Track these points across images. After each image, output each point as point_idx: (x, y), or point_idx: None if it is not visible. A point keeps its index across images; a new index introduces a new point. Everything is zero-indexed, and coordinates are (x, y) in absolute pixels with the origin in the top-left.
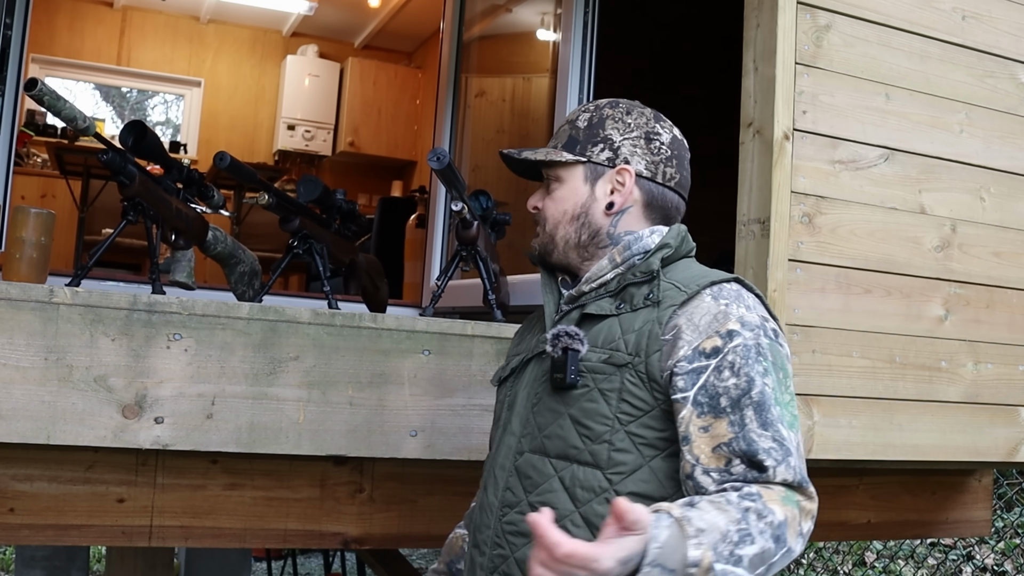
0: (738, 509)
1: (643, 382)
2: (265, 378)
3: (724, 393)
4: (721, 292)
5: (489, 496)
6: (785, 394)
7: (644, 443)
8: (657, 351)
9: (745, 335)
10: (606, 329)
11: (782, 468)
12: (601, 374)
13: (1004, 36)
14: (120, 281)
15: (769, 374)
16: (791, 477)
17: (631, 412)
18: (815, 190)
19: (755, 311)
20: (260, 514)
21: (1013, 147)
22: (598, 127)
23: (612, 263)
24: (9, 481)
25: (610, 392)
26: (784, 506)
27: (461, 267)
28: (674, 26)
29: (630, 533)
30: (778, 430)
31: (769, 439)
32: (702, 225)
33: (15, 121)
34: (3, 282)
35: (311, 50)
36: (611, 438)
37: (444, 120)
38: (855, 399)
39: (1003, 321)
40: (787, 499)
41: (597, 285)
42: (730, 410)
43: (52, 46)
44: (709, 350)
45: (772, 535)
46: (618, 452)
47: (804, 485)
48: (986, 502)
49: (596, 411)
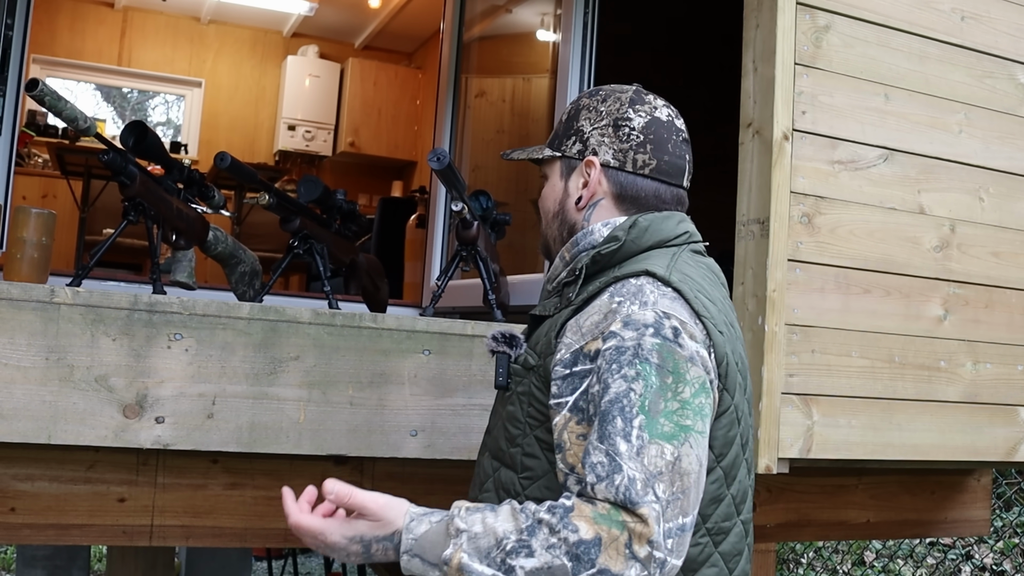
0: (530, 519)
1: (545, 386)
2: (266, 378)
3: (592, 400)
4: (620, 289)
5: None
6: (670, 401)
7: (548, 448)
8: (551, 354)
9: (624, 335)
10: (540, 331)
11: (602, 486)
12: (517, 377)
13: (1003, 37)
14: (121, 281)
15: (641, 379)
16: (612, 496)
17: (537, 417)
18: (814, 190)
19: (652, 308)
20: (261, 513)
21: (1012, 147)
22: (573, 119)
23: (563, 261)
24: (10, 481)
25: (523, 396)
26: (596, 525)
27: (461, 267)
28: (675, 26)
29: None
30: (614, 443)
31: (602, 452)
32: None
33: (16, 121)
34: (4, 282)
35: (311, 50)
36: (522, 442)
37: (444, 120)
38: (854, 399)
39: (1002, 321)
40: (604, 518)
41: (556, 285)
42: (597, 423)
43: (53, 47)
44: (592, 353)
45: (567, 552)
46: (527, 457)
47: (630, 505)
48: (985, 502)
49: (513, 415)
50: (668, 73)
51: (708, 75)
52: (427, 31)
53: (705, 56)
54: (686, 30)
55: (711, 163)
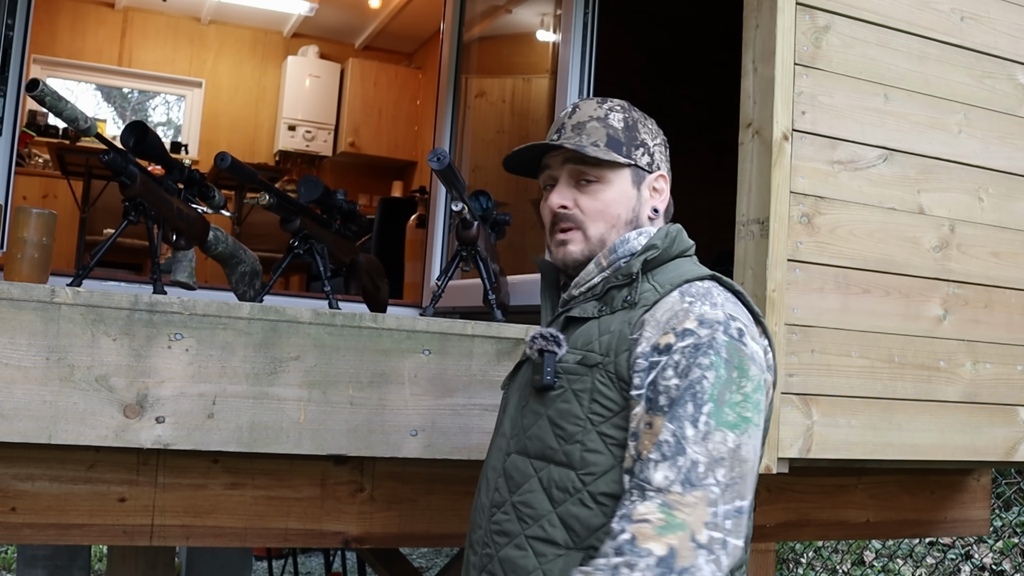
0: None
1: (612, 382)
2: (266, 378)
3: (664, 392)
4: (689, 290)
5: (481, 497)
6: (735, 394)
7: (615, 443)
8: (626, 351)
9: (700, 333)
10: (585, 332)
11: (664, 465)
12: (575, 375)
13: (1003, 37)
14: (121, 281)
15: (712, 370)
16: (672, 475)
17: (602, 413)
18: (814, 190)
19: (721, 308)
20: (261, 513)
21: (1011, 147)
22: (634, 130)
23: (598, 267)
24: (11, 480)
25: (582, 393)
26: (663, 539)
27: (461, 267)
28: (674, 26)
29: None
30: (682, 427)
31: (669, 433)
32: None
33: (17, 121)
34: (5, 282)
35: (312, 51)
36: (583, 438)
37: (444, 121)
38: (854, 399)
39: (1001, 321)
40: (665, 528)
41: (585, 289)
42: (667, 409)
43: (54, 47)
44: (662, 346)
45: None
46: (590, 452)
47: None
48: (984, 501)
49: (569, 412)
50: (668, 74)
51: (707, 75)
52: (427, 31)
53: (704, 56)
54: (685, 30)
55: (710, 164)
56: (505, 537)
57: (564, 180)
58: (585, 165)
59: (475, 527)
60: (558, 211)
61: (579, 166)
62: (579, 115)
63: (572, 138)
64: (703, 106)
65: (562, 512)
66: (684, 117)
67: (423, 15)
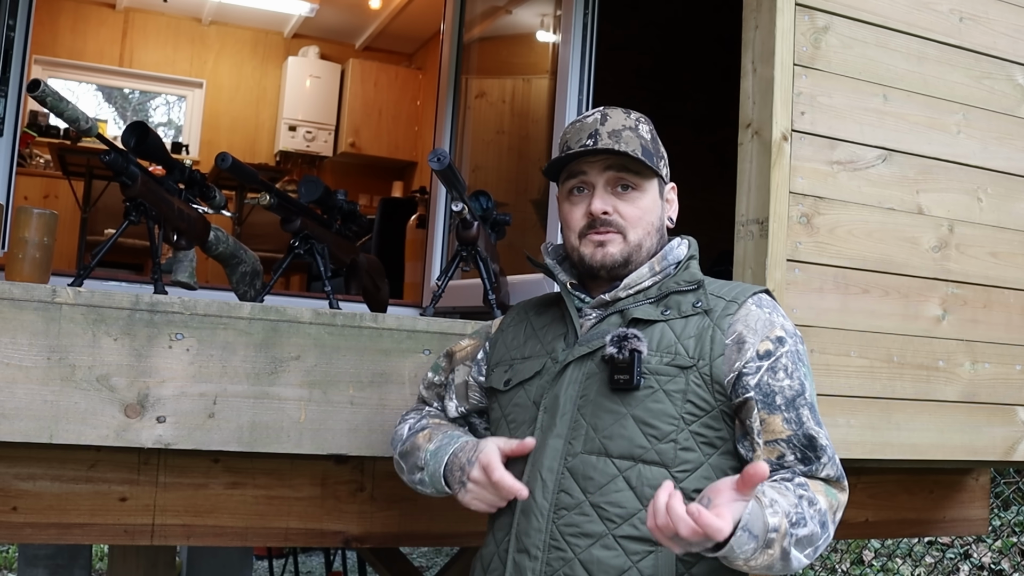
0: (794, 495)
1: (706, 384)
2: (266, 377)
3: (779, 392)
4: (761, 301)
5: (537, 499)
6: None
7: (705, 442)
8: (721, 355)
9: (790, 342)
10: (658, 333)
11: (829, 464)
12: (665, 376)
13: (1001, 37)
14: (122, 281)
15: (808, 378)
16: (833, 472)
17: (695, 412)
18: (813, 191)
19: (789, 321)
20: (261, 513)
21: (1010, 148)
22: (656, 142)
23: (652, 271)
24: (12, 480)
25: (676, 393)
26: (826, 496)
27: (461, 267)
28: (674, 27)
29: (742, 498)
30: (824, 430)
31: (824, 437)
32: (701, 226)
33: (18, 122)
34: (6, 282)
35: (312, 51)
36: (677, 437)
37: (444, 121)
38: (853, 398)
39: (1000, 321)
40: (830, 492)
41: (635, 291)
42: (784, 408)
43: (55, 47)
44: (763, 352)
45: (819, 521)
46: (684, 451)
47: (842, 480)
48: (983, 501)
49: (663, 411)
50: (667, 74)
51: (707, 76)
52: (427, 32)
53: (704, 57)
54: (685, 31)
55: (710, 164)
56: (587, 538)
57: (602, 186)
58: (627, 172)
59: (529, 531)
60: (601, 216)
61: (621, 173)
62: (612, 123)
63: (613, 145)
64: (703, 106)
65: None
66: (684, 117)
67: (423, 16)
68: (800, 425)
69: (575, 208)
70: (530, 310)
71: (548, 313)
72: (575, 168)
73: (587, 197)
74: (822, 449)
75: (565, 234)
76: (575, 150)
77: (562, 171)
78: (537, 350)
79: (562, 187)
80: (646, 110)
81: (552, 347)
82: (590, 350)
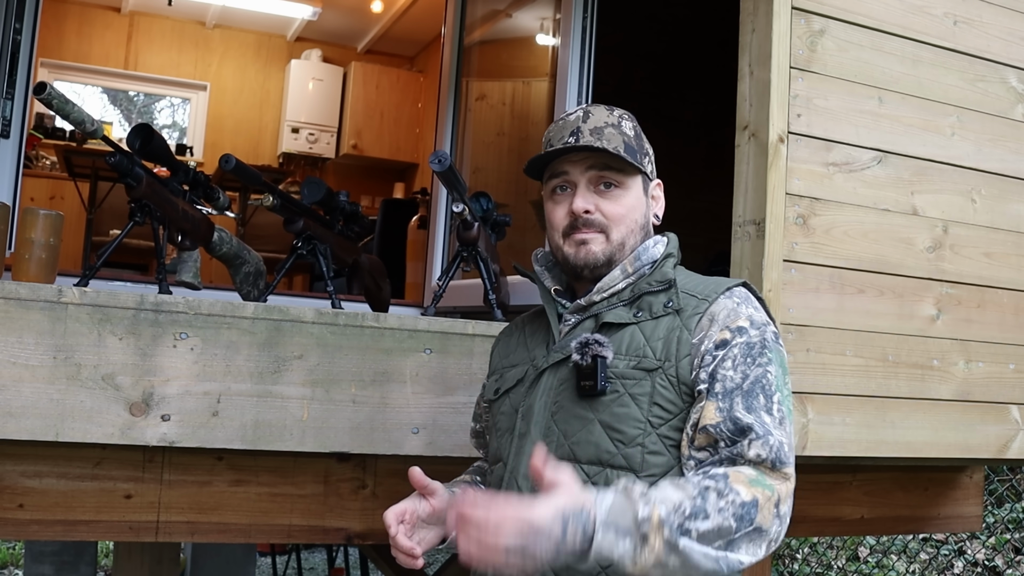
0: (696, 487)
1: (673, 385)
2: (270, 376)
3: (720, 380)
4: (733, 294)
5: None
6: (785, 388)
7: (673, 444)
8: (687, 355)
9: (751, 333)
10: (628, 336)
11: (758, 443)
12: (631, 379)
13: (995, 41)
14: (127, 281)
15: (774, 364)
16: (765, 453)
17: (662, 415)
18: (809, 192)
19: (761, 313)
20: (265, 510)
21: (1003, 150)
22: (640, 138)
23: (624, 273)
24: (19, 477)
25: (641, 396)
26: (752, 488)
27: (462, 267)
28: (672, 30)
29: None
30: (760, 416)
31: (758, 423)
32: (699, 226)
33: (25, 124)
34: (13, 282)
35: (315, 54)
36: (644, 441)
37: (445, 123)
38: (849, 397)
39: (994, 320)
40: (756, 481)
41: (609, 295)
42: (721, 397)
43: (61, 51)
44: (719, 342)
45: (733, 514)
46: (651, 454)
47: (779, 466)
48: (977, 498)
49: (628, 415)
50: (665, 77)
51: (705, 78)
52: (428, 35)
53: (702, 59)
54: (683, 34)
55: (707, 165)
56: None
57: (584, 184)
58: (609, 171)
59: None
60: (583, 215)
61: (602, 171)
62: (594, 120)
63: (593, 143)
64: (700, 108)
65: None
66: (681, 119)
67: (424, 19)
68: (730, 410)
69: (558, 207)
70: (526, 318)
71: (538, 320)
72: (557, 167)
73: (570, 196)
74: (749, 429)
75: (549, 234)
76: (555, 148)
77: (545, 170)
78: (523, 358)
79: (546, 186)
80: (644, 112)
81: (535, 354)
82: (563, 356)
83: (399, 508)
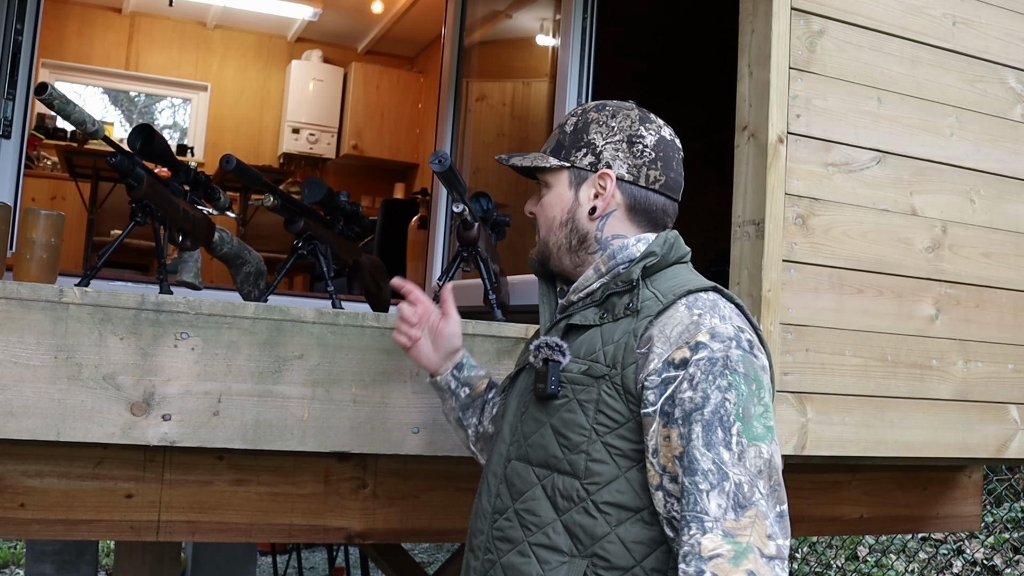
0: None
1: (619, 394)
2: (270, 376)
3: (679, 404)
4: (696, 302)
5: (483, 502)
6: (757, 406)
7: (620, 454)
8: (632, 363)
9: (713, 347)
10: (588, 340)
11: (714, 493)
12: (580, 385)
13: (994, 41)
14: (128, 281)
15: (733, 388)
16: (723, 502)
17: (607, 424)
18: (808, 192)
19: (729, 321)
20: (265, 509)
21: (1002, 150)
22: (582, 132)
23: (597, 272)
24: (20, 477)
25: (587, 403)
26: (740, 567)
27: (462, 268)
28: (672, 30)
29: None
30: (719, 453)
31: (709, 460)
32: (698, 226)
33: (26, 124)
34: (14, 282)
35: (315, 55)
36: (587, 448)
37: (445, 124)
38: (848, 397)
39: (992, 320)
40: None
41: (584, 295)
42: (681, 422)
43: (62, 51)
44: (678, 361)
45: None
46: (594, 463)
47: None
48: (976, 497)
49: (574, 421)
50: (664, 78)
51: (703, 79)
52: (429, 36)
53: (701, 60)
54: (682, 34)
55: (707, 166)
56: (508, 543)
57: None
58: (539, 174)
59: (476, 532)
60: (528, 216)
61: (538, 175)
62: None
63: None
64: (700, 108)
65: (566, 520)
66: (681, 119)
67: (424, 20)
68: (688, 442)
69: None
70: None
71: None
72: None
73: None
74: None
75: None
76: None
77: None
78: (521, 357)
79: None
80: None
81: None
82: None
83: (427, 302)
